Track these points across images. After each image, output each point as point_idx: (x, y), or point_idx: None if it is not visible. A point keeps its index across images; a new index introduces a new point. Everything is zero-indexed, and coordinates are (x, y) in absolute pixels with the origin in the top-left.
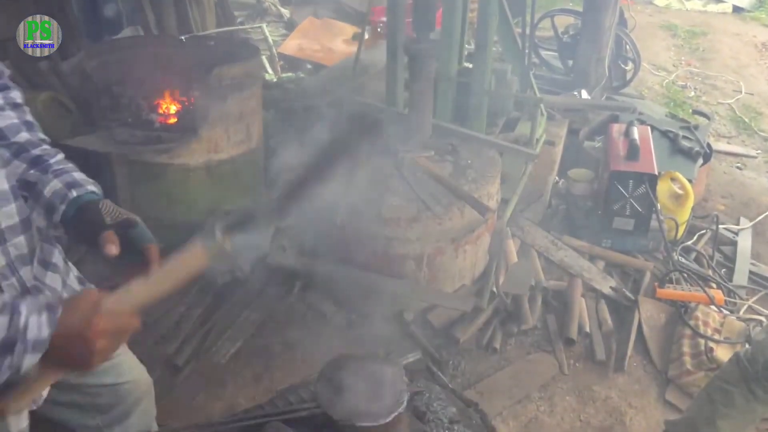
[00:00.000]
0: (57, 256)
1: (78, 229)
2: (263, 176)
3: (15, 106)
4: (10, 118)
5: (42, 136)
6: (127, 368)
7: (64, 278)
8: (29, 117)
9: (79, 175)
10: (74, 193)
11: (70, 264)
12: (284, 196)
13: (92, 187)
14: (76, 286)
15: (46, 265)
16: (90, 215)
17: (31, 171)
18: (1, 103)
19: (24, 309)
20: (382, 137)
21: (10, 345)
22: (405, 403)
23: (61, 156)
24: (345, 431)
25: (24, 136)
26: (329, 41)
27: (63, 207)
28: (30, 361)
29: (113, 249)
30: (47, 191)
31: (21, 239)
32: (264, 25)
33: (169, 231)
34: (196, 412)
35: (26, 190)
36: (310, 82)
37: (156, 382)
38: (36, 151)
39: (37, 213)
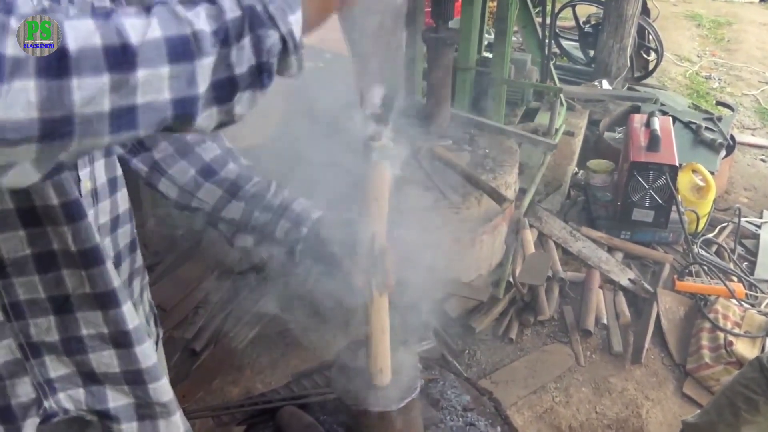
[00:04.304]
0: None
1: (321, 261)
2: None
3: (214, 135)
4: (213, 149)
5: (245, 162)
6: None
7: None
8: (228, 143)
9: (299, 205)
10: (304, 231)
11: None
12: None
13: (316, 212)
14: None
15: None
16: (323, 246)
17: (256, 213)
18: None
19: None
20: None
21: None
22: (418, 389)
23: (274, 187)
24: (358, 416)
25: (233, 169)
26: None
27: (300, 247)
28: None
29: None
30: (279, 233)
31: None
32: None
33: (185, 216)
34: (213, 396)
35: (257, 233)
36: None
37: (174, 366)
38: (250, 188)
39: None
